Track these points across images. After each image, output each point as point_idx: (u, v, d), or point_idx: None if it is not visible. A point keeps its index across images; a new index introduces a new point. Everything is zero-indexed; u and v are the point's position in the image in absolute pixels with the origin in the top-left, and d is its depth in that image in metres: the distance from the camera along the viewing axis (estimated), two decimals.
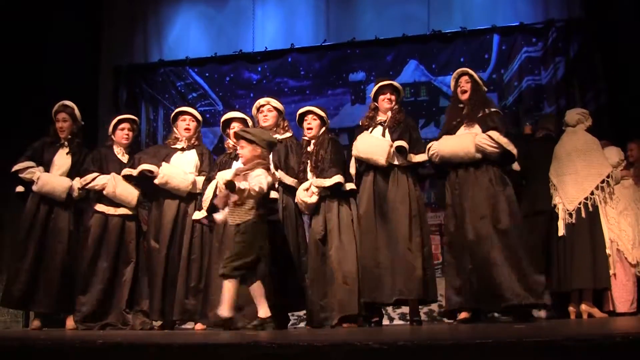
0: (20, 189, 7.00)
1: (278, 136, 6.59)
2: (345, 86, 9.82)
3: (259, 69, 10.23)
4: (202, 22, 10.56)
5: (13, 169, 6.89)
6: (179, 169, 6.55)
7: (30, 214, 6.87)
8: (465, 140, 5.88)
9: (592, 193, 6.60)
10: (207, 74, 10.39)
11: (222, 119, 6.17)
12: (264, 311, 5.28)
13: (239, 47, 10.22)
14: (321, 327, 6.00)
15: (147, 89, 10.54)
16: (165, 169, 6.50)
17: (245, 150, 5.35)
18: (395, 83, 6.42)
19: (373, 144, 6.19)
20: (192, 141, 6.81)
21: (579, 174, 6.65)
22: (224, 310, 5.19)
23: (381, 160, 6.06)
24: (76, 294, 6.66)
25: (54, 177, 6.89)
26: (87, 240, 6.73)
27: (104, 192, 6.70)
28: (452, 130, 6.05)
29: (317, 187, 6.13)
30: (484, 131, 5.87)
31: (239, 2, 10.36)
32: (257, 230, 5.28)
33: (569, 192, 6.62)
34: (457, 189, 5.92)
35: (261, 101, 6.68)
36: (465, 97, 6.11)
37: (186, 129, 6.78)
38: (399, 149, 6.09)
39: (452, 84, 6.29)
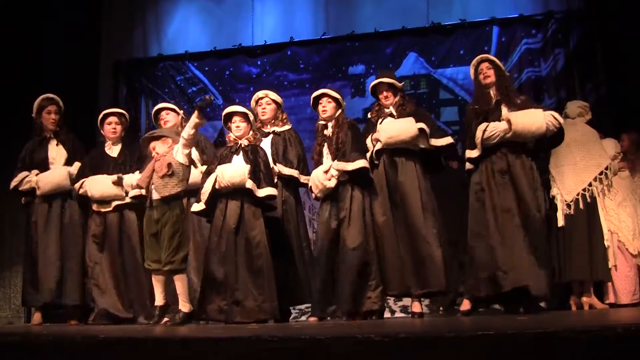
0: (24, 200, 7.04)
1: (277, 129, 6.59)
2: (344, 79, 9.79)
3: (259, 62, 10.20)
4: (201, 16, 10.53)
5: (11, 185, 6.95)
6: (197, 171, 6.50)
7: (44, 212, 6.90)
8: (538, 115, 5.79)
9: (590, 184, 6.61)
10: (206, 68, 10.37)
11: (223, 113, 6.16)
12: (188, 306, 5.82)
13: (238, 41, 10.19)
14: (326, 320, 6.02)
15: (147, 84, 10.51)
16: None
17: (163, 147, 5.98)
18: (386, 80, 6.32)
19: (400, 126, 6.11)
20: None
21: (578, 165, 6.66)
22: (160, 300, 5.86)
23: (413, 128, 6.03)
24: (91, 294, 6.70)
25: (50, 172, 6.91)
26: (89, 240, 6.76)
27: (90, 198, 6.73)
28: (492, 114, 5.93)
29: (337, 170, 6.07)
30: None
31: None
32: (182, 218, 5.87)
33: (567, 183, 6.63)
34: (504, 174, 5.81)
35: (259, 94, 6.67)
36: (488, 81, 6.05)
37: (165, 122, 6.76)
38: (420, 133, 6.07)
39: (472, 71, 6.23)
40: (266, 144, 6.47)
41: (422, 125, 6.08)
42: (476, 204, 5.90)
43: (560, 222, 6.59)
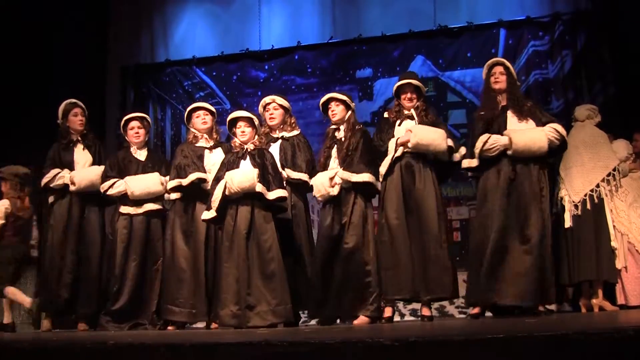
0: (52, 199, 7.04)
1: (285, 134, 6.58)
2: (352, 83, 9.80)
3: (266, 67, 10.23)
4: (208, 21, 10.57)
5: (43, 183, 6.92)
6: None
7: (62, 219, 6.90)
8: (539, 135, 5.83)
9: (597, 185, 6.61)
10: (214, 73, 10.39)
11: (228, 118, 6.16)
12: (8, 316, 6.54)
13: (245, 46, 10.22)
14: (330, 324, 6.01)
15: (155, 89, 10.55)
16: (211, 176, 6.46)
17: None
18: (414, 82, 6.26)
19: (431, 131, 6.05)
20: (215, 137, 6.76)
21: (585, 166, 6.66)
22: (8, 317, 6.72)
23: (443, 145, 6.00)
24: (107, 296, 6.70)
25: (86, 170, 6.94)
26: (116, 243, 6.74)
27: (130, 196, 6.71)
28: (496, 120, 5.96)
29: (342, 179, 6.05)
30: (537, 125, 5.88)
31: (245, 1, 10.35)
32: None
33: (575, 184, 6.63)
34: (511, 183, 5.84)
35: (267, 99, 6.66)
36: (498, 87, 6.06)
37: (203, 122, 6.72)
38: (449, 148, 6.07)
39: (485, 72, 6.23)
40: (275, 149, 6.46)
41: (451, 143, 6.08)
42: (479, 213, 6.00)
43: (568, 223, 6.58)
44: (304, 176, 6.40)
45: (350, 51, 9.91)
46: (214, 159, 6.61)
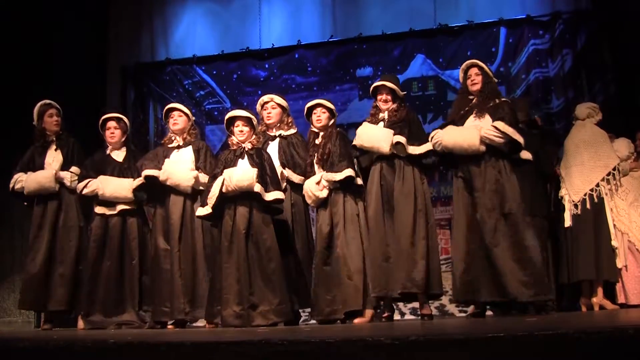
0: (25, 202, 7.08)
1: (283, 132, 6.60)
2: (352, 81, 9.81)
3: (266, 65, 10.23)
4: (208, 20, 10.56)
5: (10, 188, 6.98)
6: (180, 165, 6.49)
7: (38, 215, 6.90)
8: (470, 133, 5.82)
9: (597, 185, 6.62)
10: (214, 72, 10.39)
11: (226, 117, 6.17)
12: None
13: (245, 44, 10.22)
14: (329, 322, 6.02)
15: (155, 88, 10.54)
16: (166, 166, 6.45)
17: None
18: (388, 84, 6.29)
19: (375, 133, 6.16)
20: (185, 137, 6.69)
21: (585, 165, 6.68)
22: None
23: (384, 147, 6.03)
24: (83, 296, 6.67)
25: (36, 173, 6.92)
26: (90, 242, 6.73)
27: (99, 197, 6.71)
28: (459, 121, 6.00)
29: (327, 181, 6.15)
30: (494, 121, 5.83)
31: None
32: None
33: (575, 183, 6.65)
34: (467, 181, 5.88)
35: (265, 98, 6.68)
36: (475, 88, 6.06)
37: (174, 124, 6.68)
38: (397, 145, 6.08)
39: (461, 75, 6.25)
40: (273, 148, 6.48)
41: (398, 138, 6.07)
42: (460, 206, 5.97)
43: (568, 222, 6.60)
44: (301, 179, 6.43)
45: (350, 50, 9.91)
46: (178, 157, 6.59)
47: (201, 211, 6.02)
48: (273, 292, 5.71)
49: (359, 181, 6.20)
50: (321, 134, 6.41)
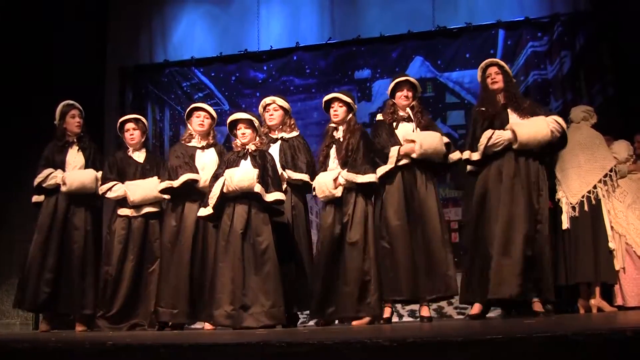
0: (39, 198, 7.03)
1: (285, 135, 6.59)
2: (351, 84, 9.80)
3: (265, 67, 10.22)
4: (206, 22, 10.56)
5: (36, 182, 6.93)
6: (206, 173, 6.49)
7: (48, 217, 6.90)
8: (542, 124, 5.84)
9: (594, 187, 6.62)
10: (212, 74, 10.39)
11: (228, 120, 6.17)
12: None
13: (244, 47, 10.22)
14: (329, 324, 6.01)
15: (153, 90, 10.54)
16: (204, 175, 6.45)
17: None
18: (412, 79, 6.33)
19: (434, 138, 6.08)
20: (209, 139, 6.76)
21: (582, 167, 6.68)
22: None
23: (443, 149, 6.07)
24: (102, 295, 6.69)
25: (78, 172, 6.95)
26: (113, 243, 6.75)
27: (129, 202, 6.74)
28: (497, 117, 5.98)
29: (347, 180, 6.07)
30: (547, 116, 5.91)
31: (244, 1, 10.34)
32: None
33: (572, 186, 6.65)
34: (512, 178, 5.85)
35: (267, 100, 6.68)
36: (496, 87, 6.09)
37: (200, 124, 6.72)
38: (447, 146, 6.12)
39: (479, 74, 6.26)
40: (274, 150, 6.47)
41: (447, 140, 6.15)
42: (478, 209, 5.96)
43: (565, 224, 6.61)
44: (304, 177, 6.41)
45: (348, 52, 9.90)
46: (204, 159, 6.62)
47: (203, 211, 6.02)
48: (266, 294, 5.67)
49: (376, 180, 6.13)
50: (341, 128, 6.33)
